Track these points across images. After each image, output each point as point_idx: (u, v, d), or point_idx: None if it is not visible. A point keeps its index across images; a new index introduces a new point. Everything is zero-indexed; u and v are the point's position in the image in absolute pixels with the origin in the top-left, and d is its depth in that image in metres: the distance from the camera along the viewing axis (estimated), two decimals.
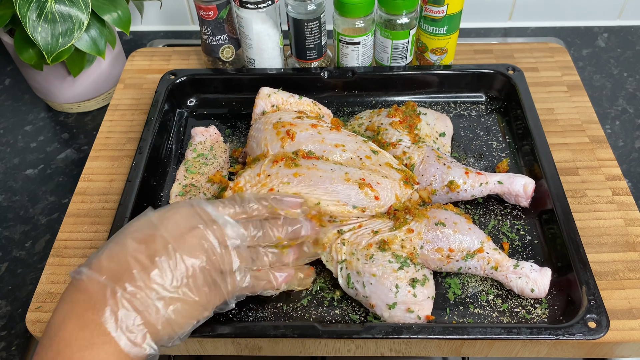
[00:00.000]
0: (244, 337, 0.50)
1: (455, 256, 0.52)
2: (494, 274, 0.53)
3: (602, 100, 0.81)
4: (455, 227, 0.53)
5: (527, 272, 0.52)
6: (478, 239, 0.53)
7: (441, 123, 0.66)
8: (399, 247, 0.52)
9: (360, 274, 0.51)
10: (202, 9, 0.70)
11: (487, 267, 0.52)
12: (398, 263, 0.51)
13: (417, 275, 0.51)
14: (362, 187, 0.54)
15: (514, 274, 0.52)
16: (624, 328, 0.51)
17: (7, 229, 0.68)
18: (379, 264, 0.51)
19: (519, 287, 0.52)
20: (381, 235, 0.53)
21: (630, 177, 0.71)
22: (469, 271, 0.53)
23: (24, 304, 0.62)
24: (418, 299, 0.50)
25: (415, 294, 0.50)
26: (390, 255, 0.52)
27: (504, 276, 0.52)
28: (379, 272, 0.51)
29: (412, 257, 0.52)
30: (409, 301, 0.50)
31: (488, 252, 0.52)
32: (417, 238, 0.52)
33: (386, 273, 0.51)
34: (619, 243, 0.58)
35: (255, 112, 0.65)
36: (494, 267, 0.52)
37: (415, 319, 0.50)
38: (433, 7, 0.69)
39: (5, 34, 0.74)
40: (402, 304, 0.50)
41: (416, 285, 0.51)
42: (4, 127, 0.81)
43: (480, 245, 0.53)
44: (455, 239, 0.52)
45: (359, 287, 0.51)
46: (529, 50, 0.80)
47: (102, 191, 0.65)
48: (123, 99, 0.76)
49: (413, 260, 0.52)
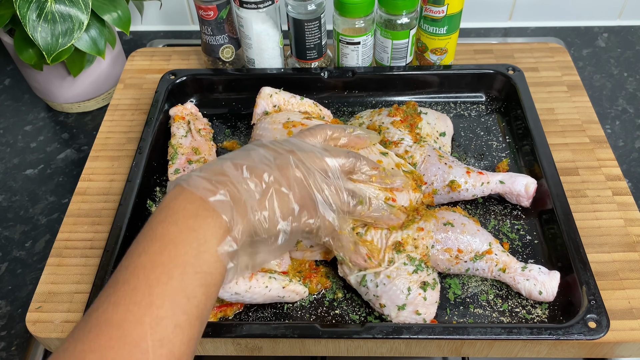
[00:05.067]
0: (244, 337, 0.50)
1: (463, 257, 0.52)
2: (501, 275, 0.52)
3: (602, 100, 0.81)
4: (464, 227, 0.53)
5: (535, 274, 0.51)
6: (486, 241, 0.53)
7: (441, 123, 0.66)
8: (413, 247, 0.52)
9: (377, 275, 0.51)
10: (202, 9, 0.70)
11: (495, 269, 0.52)
12: (413, 266, 0.51)
13: (429, 278, 0.52)
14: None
15: (522, 275, 0.52)
16: (624, 328, 0.51)
17: (7, 229, 0.68)
18: (395, 267, 0.51)
19: (527, 289, 0.52)
20: (394, 235, 0.53)
21: (630, 177, 0.71)
22: (476, 273, 0.53)
23: (24, 304, 0.62)
24: (427, 302, 0.51)
25: (426, 297, 0.51)
26: (405, 258, 0.52)
27: (512, 278, 0.52)
28: (394, 274, 0.51)
29: (425, 260, 0.52)
30: (418, 303, 0.50)
31: (497, 254, 0.52)
32: (427, 237, 0.53)
33: (400, 275, 0.51)
34: (619, 243, 0.58)
35: (257, 112, 0.65)
36: (502, 268, 0.52)
37: (421, 322, 0.50)
38: (433, 7, 0.69)
39: (5, 33, 0.74)
40: (412, 306, 0.50)
41: (427, 289, 0.51)
42: (3, 127, 0.81)
43: (488, 246, 0.52)
44: (464, 240, 0.52)
45: (372, 286, 0.51)
46: (529, 50, 0.80)
47: (102, 191, 0.65)
48: (123, 99, 0.76)
49: (427, 263, 0.52)
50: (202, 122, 0.69)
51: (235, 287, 0.49)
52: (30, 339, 0.59)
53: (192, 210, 0.40)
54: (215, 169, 0.43)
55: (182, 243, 0.39)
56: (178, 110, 0.68)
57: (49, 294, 0.56)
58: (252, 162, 0.44)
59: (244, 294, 0.50)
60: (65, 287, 0.56)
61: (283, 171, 0.45)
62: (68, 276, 0.57)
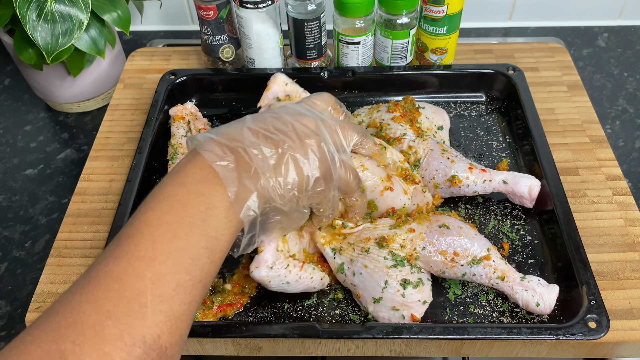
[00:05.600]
0: (244, 337, 0.50)
1: (460, 260, 0.51)
2: (499, 284, 0.51)
3: (602, 100, 0.81)
4: (461, 231, 0.52)
5: (534, 285, 0.51)
6: (485, 246, 0.52)
7: (439, 117, 0.66)
8: (399, 246, 0.52)
9: (353, 262, 0.51)
10: (202, 9, 0.70)
11: (494, 276, 0.51)
12: (393, 261, 0.51)
13: (412, 277, 0.51)
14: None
15: (520, 285, 0.51)
16: (624, 328, 0.51)
17: (6, 229, 0.68)
18: (373, 258, 0.51)
19: (524, 299, 0.51)
20: (381, 231, 0.53)
21: (630, 177, 0.71)
22: (473, 278, 0.52)
23: (23, 304, 0.61)
24: (406, 300, 0.50)
25: (405, 294, 0.50)
26: (387, 253, 0.51)
27: (510, 287, 0.51)
28: (371, 265, 0.51)
29: (410, 259, 0.52)
30: (396, 300, 0.50)
31: (495, 261, 0.51)
32: (418, 239, 0.52)
33: (378, 267, 0.50)
34: (619, 243, 0.58)
35: (268, 96, 0.64)
36: (501, 277, 0.51)
37: (399, 318, 0.50)
38: (433, 6, 0.68)
39: (5, 33, 0.74)
40: (388, 301, 0.50)
41: (407, 287, 0.50)
42: (3, 127, 0.81)
43: (487, 252, 0.52)
44: (461, 243, 0.52)
45: (349, 274, 0.52)
46: (529, 50, 0.80)
47: (102, 191, 0.65)
48: (123, 99, 0.76)
49: (410, 262, 0.52)
50: (202, 122, 0.69)
51: (288, 275, 0.49)
52: None
53: (202, 176, 0.40)
54: (232, 133, 0.43)
55: (190, 205, 0.38)
56: (178, 110, 0.68)
57: (49, 294, 0.56)
58: (269, 128, 0.44)
59: (293, 284, 0.50)
60: (65, 287, 0.56)
61: (301, 139, 0.44)
62: (68, 276, 0.57)
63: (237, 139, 0.42)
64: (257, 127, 0.44)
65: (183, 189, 0.39)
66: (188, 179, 0.40)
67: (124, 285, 0.34)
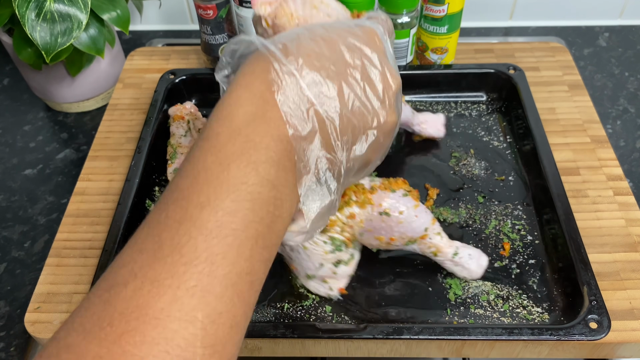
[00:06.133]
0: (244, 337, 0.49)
1: (395, 243, 0.53)
2: (433, 258, 0.54)
3: (603, 99, 0.81)
4: (400, 216, 0.51)
5: (464, 262, 0.53)
6: (423, 226, 0.52)
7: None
8: (340, 230, 0.51)
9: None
10: (202, 8, 0.70)
11: (428, 251, 0.53)
12: (333, 246, 0.51)
13: (344, 256, 0.53)
14: None
15: (451, 262, 0.54)
16: (625, 328, 0.51)
17: (5, 229, 0.68)
18: (312, 241, 0.51)
19: (454, 272, 0.54)
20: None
21: (631, 177, 0.71)
22: (409, 251, 0.55)
23: (22, 304, 0.61)
24: (337, 275, 0.53)
25: (336, 272, 0.52)
26: (327, 238, 0.51)
27: (442, 262, 0.54)
28: (310, 247, 0.51)
29: (347, 243, 0.53)
30: (326, 276, 0.53)
31: (431, 238, 0.53)
32: (358, 226, 0.51)
33: (316, 251, 0.51)
34: (620, 243, 0.57)
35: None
36: (434, 252, 0.53)
37: (327, 290, 0.53)
38: (434, 6, 0.68)
39: (4, 33, 0.74)
40: (320, 278, 0.53)
41: (339, 265, 0.52)
42: (2, 127, 0.81)
43: (424, 232, 0.52)
44: (399, 229, 0.51)
45: (287, 247, 0.52)
46: (529, 49, 0.79)
47: (101, 191, 0.64)
48: (122, 99, 0.76)
49: (348, 245, 0.53)
50: (202, 121, 0.69)
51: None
52: (29, 339, 0.59)
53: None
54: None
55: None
56: (177, 109, 0.68)
57: (48, 294, 0.55)
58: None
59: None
60: (64, 287, 0.56)
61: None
62: (67, 276, 0.57)
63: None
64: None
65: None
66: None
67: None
